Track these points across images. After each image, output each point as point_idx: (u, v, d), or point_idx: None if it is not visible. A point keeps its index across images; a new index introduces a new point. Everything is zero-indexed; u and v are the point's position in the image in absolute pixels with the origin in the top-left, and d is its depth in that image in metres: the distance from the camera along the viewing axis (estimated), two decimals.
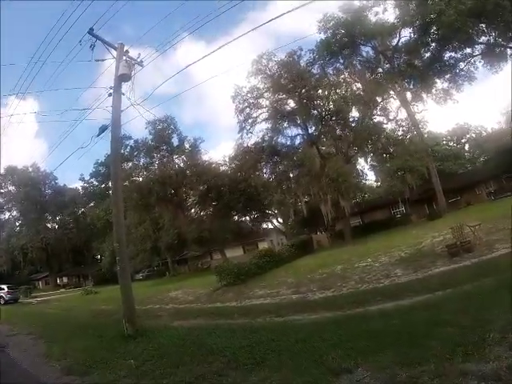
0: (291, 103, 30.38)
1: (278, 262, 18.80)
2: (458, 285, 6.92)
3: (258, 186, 32.31)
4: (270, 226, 43.61)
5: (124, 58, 9.03)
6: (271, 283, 14.11)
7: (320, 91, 29.80)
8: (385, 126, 32.81)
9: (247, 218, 41.28)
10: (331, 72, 32.60)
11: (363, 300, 7.79)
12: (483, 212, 19.25)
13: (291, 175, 31.60)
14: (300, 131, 31.06)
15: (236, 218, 39.04)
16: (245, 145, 31.76)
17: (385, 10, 31.02)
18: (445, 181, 30.59)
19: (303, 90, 28.63)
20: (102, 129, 9.33)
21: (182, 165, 35.54)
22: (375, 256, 14.09)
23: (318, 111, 30.29)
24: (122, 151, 30.07)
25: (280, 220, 41.02)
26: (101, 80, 65.20)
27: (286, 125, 30.37)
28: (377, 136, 30.61)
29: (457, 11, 21.65)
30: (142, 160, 35.88)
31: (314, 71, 31.54)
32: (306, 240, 26.01)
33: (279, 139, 31.14)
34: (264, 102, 31.09)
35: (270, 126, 30.53)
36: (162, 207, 33.78)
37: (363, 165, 35.74)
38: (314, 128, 31.15)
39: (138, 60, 9.45)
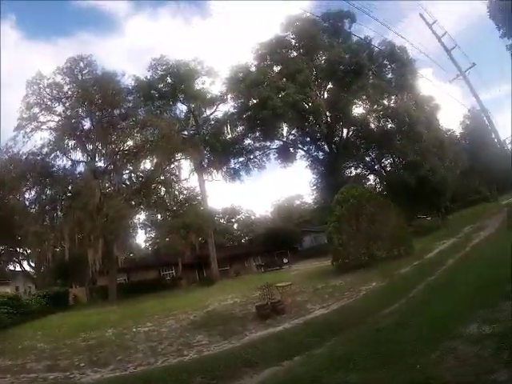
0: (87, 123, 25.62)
1: (25, 315, 15.05)
2: (299, 353, 5.58)
3: (15, 210, 22.79)
4: (18, 268, 32.24)
5: None
6: (13, 348, 9.44)
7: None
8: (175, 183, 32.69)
9: None
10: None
11: None
12: (257, 281, 21.20)
13: (60, 207, 24.35)
14: (84, 158, 25.80)
15: None
16: (15, 150, 23.19)
17: (212, 82, 34.48)
18: (216, 251, 32.16)
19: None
20: None
21: None
22: (156, 319, 11.96)
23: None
24: None
25: (32, 263, 30.43)
26: None
27: (72, 145, 24.36)
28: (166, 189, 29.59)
29: (283, 101, 26.04)
30: None
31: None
32: (61, 292, 20.36)
33: (59, 159, 24.45)
34: (59, 109, 24.61)
35: (54, 138, 23.64)
36: None
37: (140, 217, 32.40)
38: (103, 162, 26.76)
39: None
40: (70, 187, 24.35)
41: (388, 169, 40.23)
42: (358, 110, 35.51)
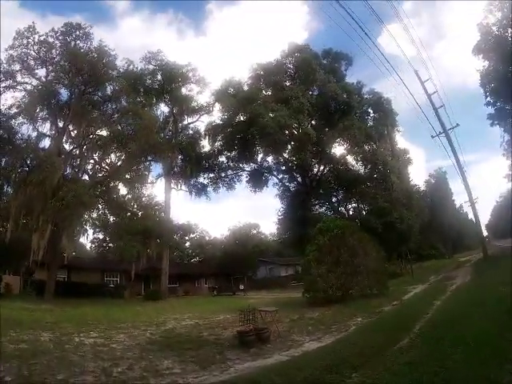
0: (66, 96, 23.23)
1: None
2: None
3: None
4: None
5: None
6: None
7: None
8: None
9: None
10: None
11: None
12: (210, 304, 19.72)
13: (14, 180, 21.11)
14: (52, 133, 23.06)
15: None
16: None
17: (200, 92, 33.65)
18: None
19: None
20: None
21: None
22: (102, 330, 10.02)
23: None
24: None
25: None
26: None
27: (43, 115, 21.75)
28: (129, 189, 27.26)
29: (274, 121, 25.56)
30: None
31: None
32: None
33: (24, 127, 21.74)
34: (41, 73, 22.44)
35: (26, 102, 21.16)
36: None
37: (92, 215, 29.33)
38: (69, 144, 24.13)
39: None
40: (28, 160, 21.45)
41: (351, 213, 41.08)
42: (338, 149, 36.52)
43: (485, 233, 55.12)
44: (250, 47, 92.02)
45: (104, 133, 24.58)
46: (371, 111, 37.42)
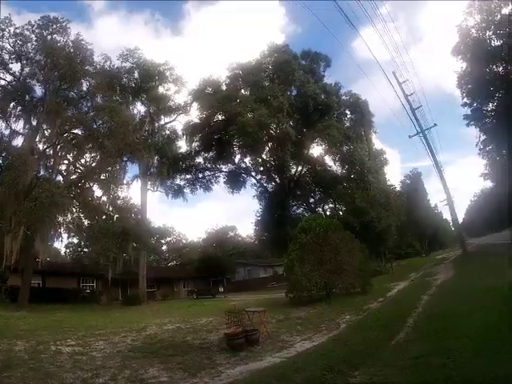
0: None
1: None
2: None
3: None
4: None
5: None
6: None
7: None
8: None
9: None
10: None
11: None
12: (191, 308, 19.05)
13: None
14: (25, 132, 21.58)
15: None
16: None
17: (177, 91, 32.73)
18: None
19: None
20: None
21: None
22: (80, 337, 9.35)
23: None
24: None
25: None
26: None
27: (17, 112, 20.44)
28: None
29: (254, 120, 25.11)
30: None
31: None
32: None
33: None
34: (16, 68, 21.32)
35: None
36: None
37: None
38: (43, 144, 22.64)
39: None
40: (0, 159, 20.42)
41: (328, 213, 41.45)
42: (316, 149, 36.78)
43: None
44: (228, 48, 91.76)
45: (79, 132, 23.55)
46: (348, 112, 38.06)
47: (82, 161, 24.60)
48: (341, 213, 37.87)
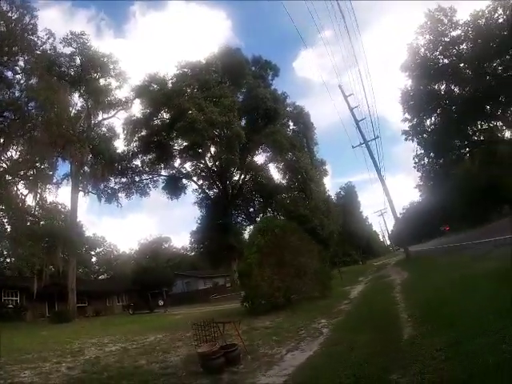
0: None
1: None
2: None
3: None
4: None
5: None
6: None
7: None
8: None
9: None
10: None
11: None
12: (129, 324, 16.35)
13: None
14: None
15: None
16: None
17: (119, 87, 29.81)
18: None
19: None
20: None
21: None
22: (1, 365, 6.99)
23: None
24: None
25: None
26: None
27: None
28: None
29: (206, 118, 23.34)
30: None
31: None
32: None
33: None
34: None
35: None
36: None
37: None
38: None
39: None
40: None
41: None
42: (261, 156, 36.48)
43: (388, 242, 62.95)
44: (175, 51, 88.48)
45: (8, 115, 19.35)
46: (291, 123, 38.70)
47: (8, 154, 20.50)
48: None
